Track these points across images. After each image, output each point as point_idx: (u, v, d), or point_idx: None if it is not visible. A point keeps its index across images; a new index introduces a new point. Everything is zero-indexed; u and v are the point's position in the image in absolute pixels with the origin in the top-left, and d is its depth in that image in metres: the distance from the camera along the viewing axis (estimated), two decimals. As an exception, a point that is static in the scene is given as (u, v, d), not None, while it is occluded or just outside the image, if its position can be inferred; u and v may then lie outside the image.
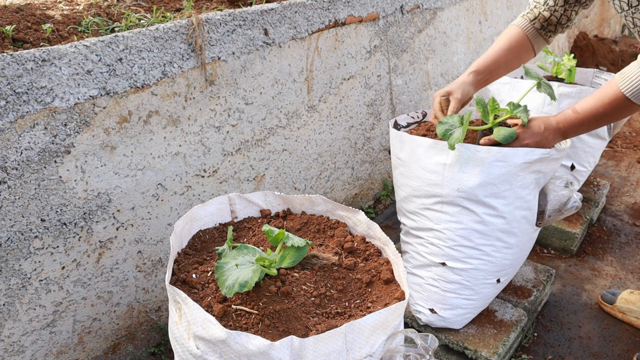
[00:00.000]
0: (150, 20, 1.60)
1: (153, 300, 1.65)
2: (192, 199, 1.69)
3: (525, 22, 1.63)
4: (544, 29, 1.62)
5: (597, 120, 1.35)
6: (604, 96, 1.31)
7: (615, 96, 1.28)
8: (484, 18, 3.36)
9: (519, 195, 1.41)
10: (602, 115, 1.33)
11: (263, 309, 0.99)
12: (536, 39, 1.64)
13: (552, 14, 1.59)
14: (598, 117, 1.34)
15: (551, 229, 2.30)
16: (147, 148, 1.52)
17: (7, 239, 1.25)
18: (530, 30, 1.63)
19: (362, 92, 2.35)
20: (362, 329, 0.91)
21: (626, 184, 2.95)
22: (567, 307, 1.99)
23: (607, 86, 1.31)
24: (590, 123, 1.37)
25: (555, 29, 1.62)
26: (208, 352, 0.91)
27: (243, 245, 1.05)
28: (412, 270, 1.64)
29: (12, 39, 1.39)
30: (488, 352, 1.55)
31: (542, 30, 1.63)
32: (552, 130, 1.40)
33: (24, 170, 1.25)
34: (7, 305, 1.28)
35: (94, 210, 1.42)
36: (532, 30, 1.63)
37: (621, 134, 3.62)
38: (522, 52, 1.65)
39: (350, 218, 1.31)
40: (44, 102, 1.25)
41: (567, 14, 1.59)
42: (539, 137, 1.40)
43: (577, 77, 2.43)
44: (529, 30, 1.63)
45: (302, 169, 2.12)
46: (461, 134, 1.35)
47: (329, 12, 2.03)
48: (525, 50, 1.65)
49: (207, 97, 1.65)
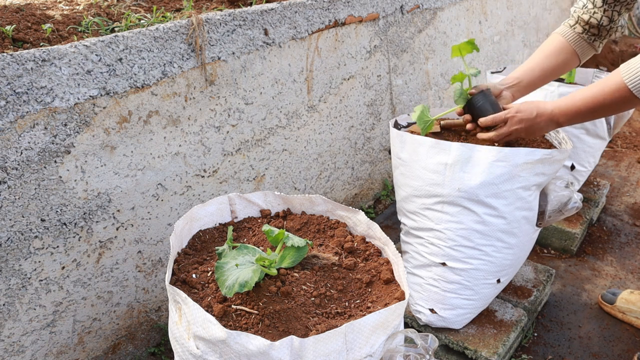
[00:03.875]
0: (150, 20, 1.60)
1: (153, 300, 1.65)
2: (192, 199, 1.69)
3: (566, 29, 1.57)
4: (586, 32, 1.55)
5: (595, 110, 1.29)
6: (605, 86, 1.26)
7: (618, 87, 1.23)
8: (484, 18, 3.36)
9: (519, 196, 1.41)
10: (601, 106, 1.28)
11: (263, 309, 0.99)
12: (579, 44, 1.56)
13: (592, 16, 1.52)
14: (597, 107, 1.28)
15: (551, 229, 2.30)
16: (147, 148, 1.52)
17: (7, 239, 1.25)
18: (571, 36, 1.56)
19: (362, 92, 2.35)
20: (362, 329, 0.91)
21: (626, 184, 2.95)
22: (567, 307, 1.99)
23: (611, 76, 1.26)
24: (587, 113, 1.31)
25: (599, 32, 1.55)
26: (208, 352, 0.91)
27: (243, 245, 1.05)
28: (412, 270, 1.64)
29: (12, 39, 1.39)
30: (488, 352, 1.55)
31: (585, 34, 1.55)
32: (546, 117, 1.35)
33: (24, 170, 1.25)
34: (7, 305, 1.28)
35: (94, 210, 1.42)
36: (573, 35, 1.56)
37: (621, 134, 3.62)
38: (565, 61, 1.57)
39: (350, 218, 1.31)
40: (44, 102, 1.25)
41: (607, 15, 1.51)
42: (529, 122, 1.35)
43: (577, 77, 2.43)
44: (569, 36, 1.56)
45: (302, 169, 2.12)
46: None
47: (329, 12, 2.03)
48: (568, 58, 1.57)
49: (207, 97, 1.65)
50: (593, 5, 1.52)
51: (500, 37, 3.63)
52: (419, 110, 1.52)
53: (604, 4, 1.51)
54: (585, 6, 1.54)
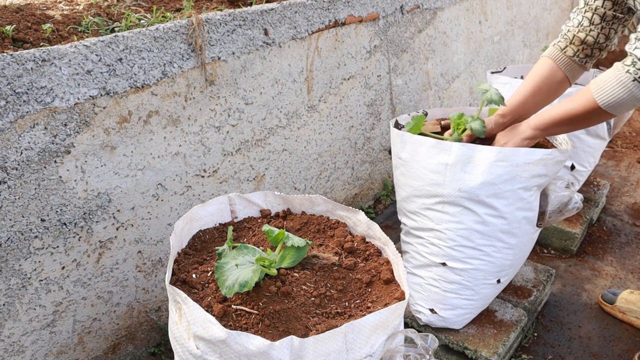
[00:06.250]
0: (150, 20, 1.60)
1: (153, 300, 1.65)
2: (192, 199, 1.69)
3: (556, 52, 1.53)
4: (577, 55, 1.51)
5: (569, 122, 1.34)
6: (577, 100, 1.29)
7: (589, 102, 1.26)
8: (484, 18, 3.36)
9: (520, 196, 1.41)
10: (574, 119, 1.31)
11: (263, 309, 0.99)
12: (570, 68, 1.53)
13: (588, 34, 1.47)
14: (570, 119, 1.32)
15: (551, 229, 2.30)
16: (147, 148, 1.52)
17: (7, 239, 1.25)
18: (562, 60, 1.52)
19: (362, 92, 2.35)
20: (362, 329, 0.91)
21: (626, 184, 2.95)
22: (567, 307, 1.99)
23: (583, 91, 1.28)
24: (561, 124, 1.36)
25: (592, 52, 1.51)
26: (208, 352, 0.91)
27: (243, 245, 1.05)
28: (413, 270, 1.64)
29: (12, 39, 1.39)
30: (488, 352, 1.55)
31: (576, 57, 1.51)
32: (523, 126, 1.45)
33: (24, 170, 1.25)
34: (7, 305, 1.28)
35: (94, 210, 1.42)
36: (564, 59, 1.52)
37: (621, 134, 3.62)
38: (554, 87, 1.55)
39: (350, 218, 1.31)
40: (44, 102, 1.25)
41: (604, 32, 1.47)
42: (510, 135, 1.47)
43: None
44: (560, 60, 1.52)
45: (302, 169, 2.12)
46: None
47: (329, 12, 2.03)
48: (558, 83, 1.54)
49: (207, 97, 1.65)
50: (590, 23, 1.47)
51: (500, 37, 3.63)
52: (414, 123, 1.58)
53: (602, 21, 1.46)
54: (581, 24, 1.48)
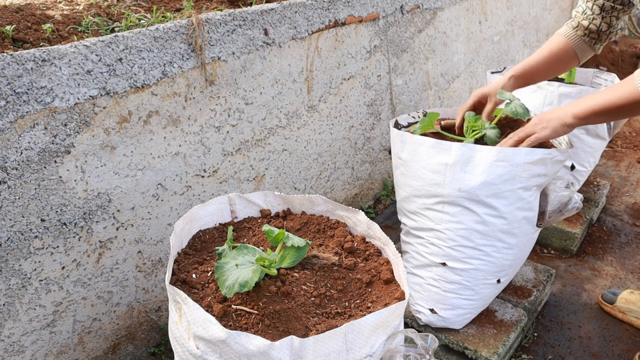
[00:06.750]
0: (150, 20, 1.60)
1: (153, 300, 1.65)
2: (192, 199, 1.69)
3: (568, 30, 1.62)
4: (587, 36, 1.60)
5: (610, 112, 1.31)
6: (619, 89, 1.29)
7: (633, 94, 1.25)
8: (484, 18, 3.36)
9: (520, 196, 1.41)
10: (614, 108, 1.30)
11: (263, 309, 0.99)
12: (580, 46, 1.62)
13: (591, 22, 1.57)
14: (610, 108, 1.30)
15: (551, 229, 2.30)
16: (147, 148, 1.52)
17: (7, 239, 1.25)
18: (573, 38, 1.61)
19: (362, 92, 2.35)
20: (362, 329, 0.91)
21: (626, 184, 2.95)
22: (567, 307, 1.99)
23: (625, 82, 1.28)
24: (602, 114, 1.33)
25: (598, 36, 1.60)
26: (208, 352, 0.91)
27: (243, 245, 1.05)
28: (413, 270, 1.64)
29: (12, 39, 1.39)
30: (488, 352, 1.55)
31: (586, 37, 1.61)
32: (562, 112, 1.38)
33: (24, 170, 1.25)
34: (7, 305, 1.28)
35: (94, 210, 1.42)
36: (575, 37, 1.61)
37: (621, 134, 3.62)
38: (564, 60, 1.64)
39: (350, 218, 1.31)
40: (44, 102, 1.25)
41: (606, 21, 1.56)
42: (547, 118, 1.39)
43: (577, 77, 2.43)
44: (572, 37, 1.61)
45: (302, 169, 2.12)
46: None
47: (329, 12, 2.03)
48: (568, 58, 1.63)
49: (207, 97, 1.65)
50: (592, 12, 1.57)
51: (500, 37, 3.63)
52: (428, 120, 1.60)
53: (602, 11, 1.56)
54: (585, 12, 1.58)
